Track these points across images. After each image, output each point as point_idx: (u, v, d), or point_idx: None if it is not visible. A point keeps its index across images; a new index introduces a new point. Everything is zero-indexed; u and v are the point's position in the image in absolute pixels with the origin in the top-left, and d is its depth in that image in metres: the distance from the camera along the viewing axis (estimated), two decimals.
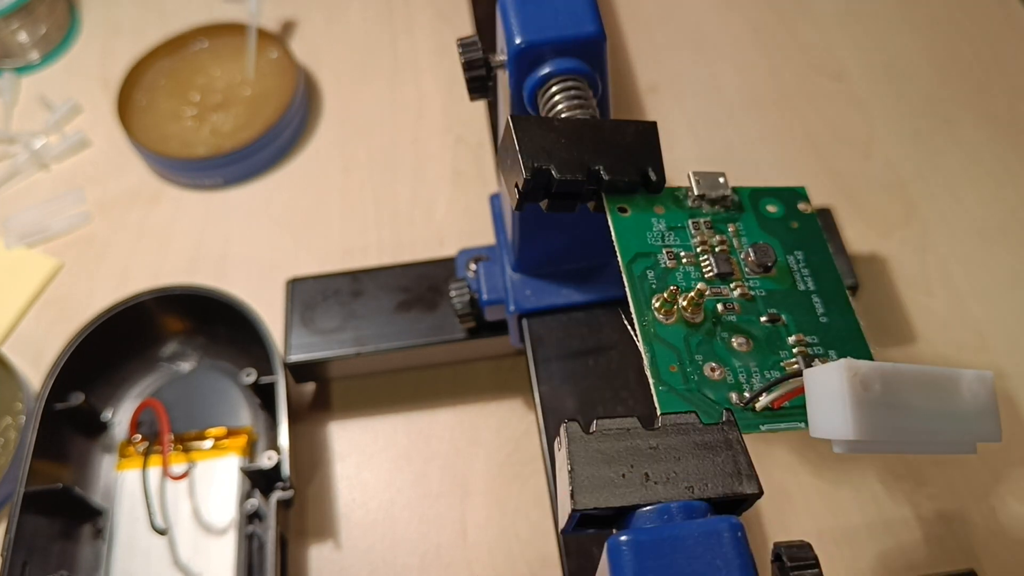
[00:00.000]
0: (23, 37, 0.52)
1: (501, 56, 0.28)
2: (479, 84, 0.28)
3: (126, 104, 0.48)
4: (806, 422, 0.21)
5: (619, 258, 0.24)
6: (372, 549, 0.35)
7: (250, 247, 0.44)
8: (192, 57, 0.51)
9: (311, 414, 0.39)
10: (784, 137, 0.46)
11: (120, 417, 0.39)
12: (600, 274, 0.34)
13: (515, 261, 0.34)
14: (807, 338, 0.23)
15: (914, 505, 0.34)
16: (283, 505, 0.33)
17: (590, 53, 0.26)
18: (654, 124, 0.26)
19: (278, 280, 0.40)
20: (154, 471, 0.36)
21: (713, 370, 0.22)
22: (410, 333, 0.37)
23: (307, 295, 0.38)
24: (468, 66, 0.27)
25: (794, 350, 0.23)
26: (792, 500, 0.35)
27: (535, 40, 0.26)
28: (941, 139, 0.45)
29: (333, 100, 0.50)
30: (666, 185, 0.25)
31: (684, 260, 0.24)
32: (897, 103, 0.47)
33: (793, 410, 0.22)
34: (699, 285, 0.23)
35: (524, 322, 0.34)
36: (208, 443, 0.37)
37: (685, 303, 0.23)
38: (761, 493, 0.19)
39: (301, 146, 0.48)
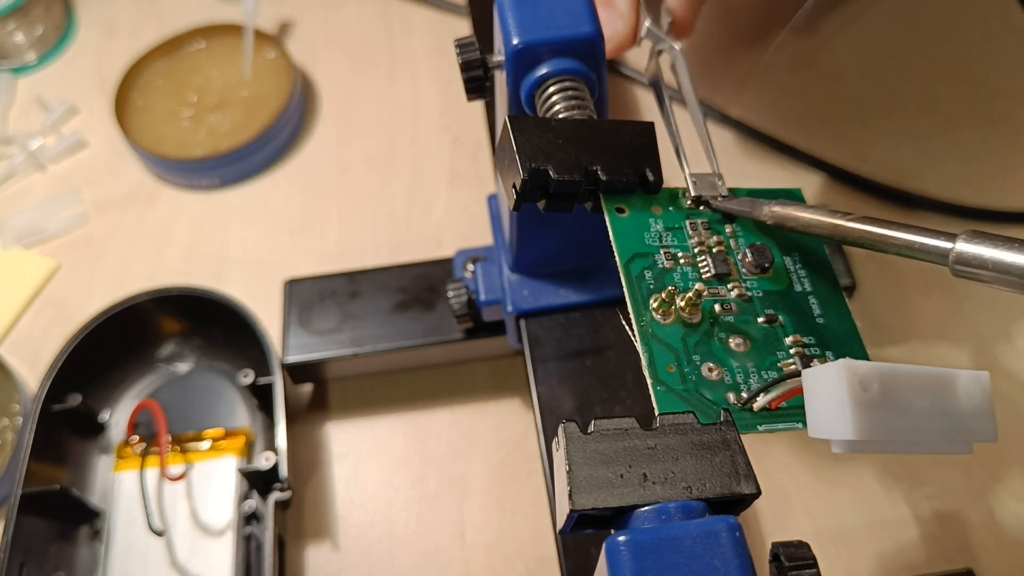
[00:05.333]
0: (19, 38, 0.52)
1: (499, 56, 0.28)
2: (476, 84, 0.28)
3: (123, 105, 0.48)
4: (804, 422, 0.21)
5: (617, 258, 0.24)
6: (370, 550, 0.35)
7: (247, 248, 0.44)
8: (189, 58, 0.51)
9: (309, 415, 0.39)
10: (781, 137, 0.46)
11: (117, 418, 0.38)
12: (598, 275, 0.34)
13: (513, 262, 0.34)
14: (804, 339, 0.23)
15: (912, 505, 0.35)
16: (281, 506, 0.33)
17: (587, 53, 0.26)
18: (651, 125, 0.26)
19: (275, 281, 0.40)
20: (152, 472, 0.36)
21: (711, 370, 0.22)
22: (408, 334, 0.37)
23: (304, 296, 0.38)
24: (465, 66, 0.27)
25: (791, 351, 0.23)
26: (790, 500, 0.35)
27: (532, 40, 0.26)
28: (938, 139, 0.45)
29: (330, 100, 0.50)
30: (663, 186, 0.25)
31: (682, 261, 0.24)
32: (894, 103, 0.47)
33: (791, 410, 0.22)
34: (697, 285, 0.23)
35: (522, 323, 0.34)
36: (206, 444, 0.37)
37: (683, 303, 0.23)
38: (759, 493, 0.19)
39: (298, 147, 0.48)
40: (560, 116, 0.26)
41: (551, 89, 0.26)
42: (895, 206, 0.43)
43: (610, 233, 0.24)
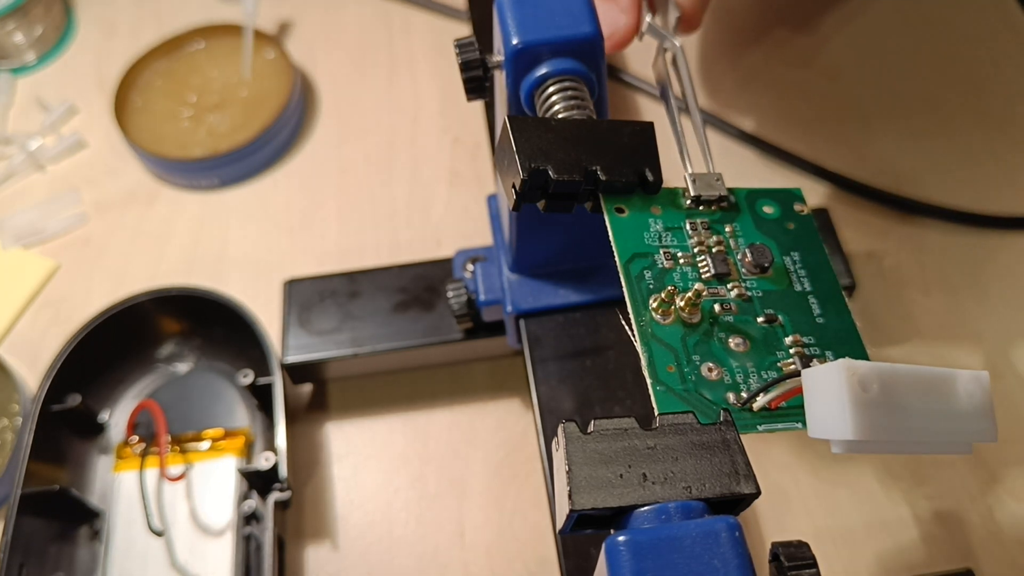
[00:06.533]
0: (19, 38, 0.52)
1: (498, 56, 0.28)
2: (476, 85, 0.28)
3: (122, 105, 0.48)
4: (803, 422, 0.21)
5: (616, 258, 0.24)
6: (369, 550, 0.35)
7: (247, 248, 0.44)
8: (188, 58, 0.51)
9: (308, 415, 0.39)
10: (781, 137, 0.46)
11: (117, 419, 0.38)
12: (597, 275, 0.34)
13: (512, 262, 0.34)
14: (804, 339, 0.23)
15: (911, 505, 0.35)
16: (280, 506, 0.33)
17: (587, 53, 0.26)
18: (651, 124, 0.26)
19: (275, 281, 0.40)
20: (151, 472, 0.36)
21: (710, 370, 0.22)
22: (407, 334, 0.37)
23: (304, 296, 0.38)
24: (465, 67, 0.27)
25: (791, 351, 0.23)
26: (790, 500, 0.35)
27: (532, 40, 0.26)
28: (938, 139, 0.45)
29: (330, 101, 0.50)
30: (663, 186, 0.25)
31: (681, 261, 0.24)
32: (894, 103, 0.47)
33: (790, 410, 0.22)
34: (696, 285, 0.23)
35: (521, 323, 0.34)
36: (205, 444, 0.37)
37: (682, 303, 0.23)
38: (758, 493, 0.19)
39: (298, 147, 0.48)
40: (560, 116, 0.26)
41: (551, 89, 0.26)
42: (895, 210, 0.43)
43: (610, 233, 0.24)
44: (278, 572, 0.32)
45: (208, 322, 0.39)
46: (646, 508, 0.18)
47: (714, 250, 0.25)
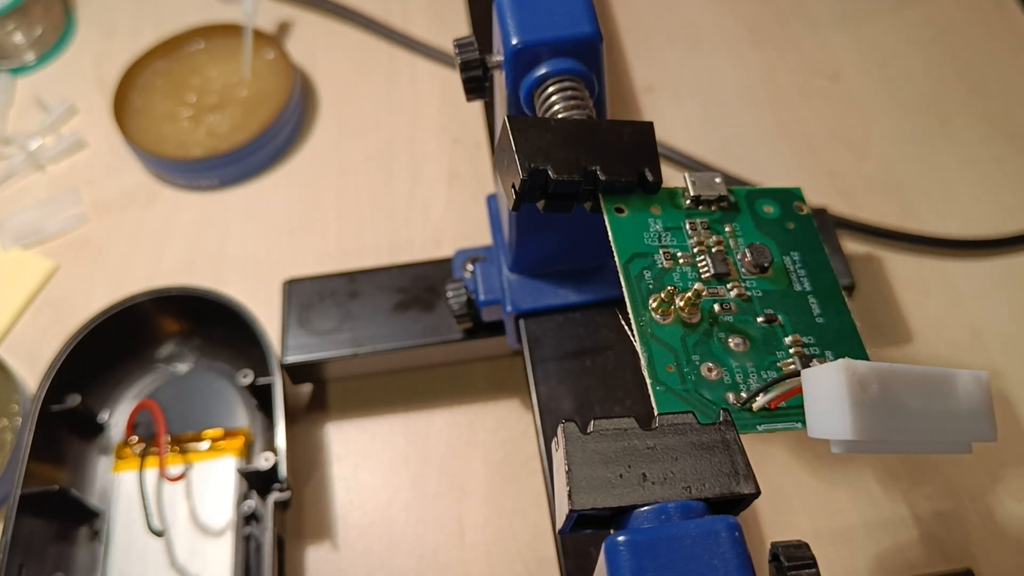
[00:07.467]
0: (18, 38, 0.52)
1: (498, 57, 0.28)
2: (476, 85, 0.28)
3: (122, 105, 0.48)
4: (803, 422, 0.21)
5: (616, 258, 0.24)
6: (369, 550, 0.35)
7: (247, 248, 0.44)
8: (188, 58, 0.51)
9: (308, 415, 0.39)
10: (780, 138, 0.46)
11: (117, 419, 0.38)
12: (597, 275, 0.34)
13: (512, 262, 0.34)
14: (803, 338, 0.23)
15: (911, 505, 0.35)
16: (280, 506, 0.33)
17: (586, 54, 0.26)
18: (650, 124, 0.26)
19: (275, 281, 0.40)
20: (151, 473, 0.36)
21: (710, 370, 0.22)
22: (407, 334, 0.37)
23: (304, 296, 0.38)
24: (465, 67, 0.27)
25: (791, 350, 0.23)
26: (789, 500, 0.35)
27: (532, 41, 0.26)
28: (937, 139, 0.45)
29: (329, 101, 0.50)
30: (663, 185, 0.25)
31: (681, 260, 0.24)
32: (893, 103, 0.47)
33: (790, 410, 0.22)
34: (696, 285, 0.23)
35: (521, 323, 0.34)
36: (205, 444, 0.37)
37: (682, 303, 0.23)
38: (758, 493, 0.19)
39: (298, 147, 0.48)
40: (559, 116, 0.26)
41: (550, 89, 0.26)
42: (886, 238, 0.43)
43: (609, 233, 0.24)
44: (278, 572, 0.32)
45: (208, 322, 0.39)
46: (646, 508, 0.18)
47: (714, 250, 0.25)
